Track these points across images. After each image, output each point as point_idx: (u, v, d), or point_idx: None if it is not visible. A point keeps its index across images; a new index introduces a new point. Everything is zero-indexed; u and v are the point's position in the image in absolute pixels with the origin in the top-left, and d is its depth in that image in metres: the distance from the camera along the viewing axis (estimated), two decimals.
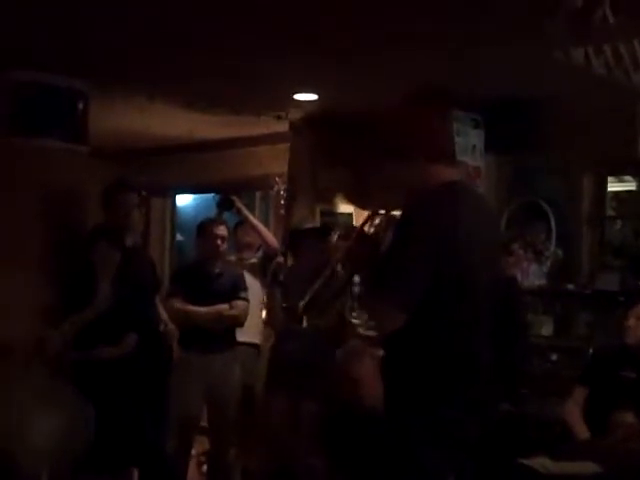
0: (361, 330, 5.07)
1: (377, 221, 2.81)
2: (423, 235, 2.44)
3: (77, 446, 3.99)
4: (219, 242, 5.14)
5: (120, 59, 4.61)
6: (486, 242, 2.62)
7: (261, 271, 5.63)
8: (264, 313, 5.60)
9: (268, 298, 5.40)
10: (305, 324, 4.49)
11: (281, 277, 4.87)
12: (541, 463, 3.22)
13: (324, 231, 5.09)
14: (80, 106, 5.09)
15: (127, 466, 4.43)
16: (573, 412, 4.25)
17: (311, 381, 4.82)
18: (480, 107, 5.45)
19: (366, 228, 2.81)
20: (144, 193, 5.86)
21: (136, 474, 4.62)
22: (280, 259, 5.00)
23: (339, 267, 2.94)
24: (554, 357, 5.35)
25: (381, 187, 2.93)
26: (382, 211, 2.84)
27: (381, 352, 4.29)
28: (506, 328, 4.42)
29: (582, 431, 4.13)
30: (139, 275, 4.97)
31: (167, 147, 7.33)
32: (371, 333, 4.94)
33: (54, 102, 4.98)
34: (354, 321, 5.15)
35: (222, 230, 5.19)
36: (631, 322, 4.24)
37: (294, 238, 5.22)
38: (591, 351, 4.80)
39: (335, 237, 5.68)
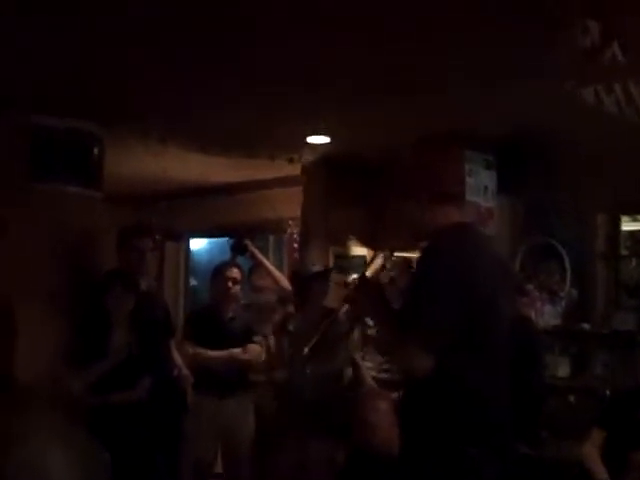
0: (374, 373, 5.03)
1: (380, 261, 2.85)
2: (448, 279, 2.48)
3: None
4: (230, 284, 5.14)
5: (133, 102, 4.66)
6: (500, 284, 2.68)
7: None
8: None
9: (275, 345, 5.32)
10: (309, 370, 4.52)
11: (290, 327, 4.82)
12: None
13: (327, 274, 5.07)
14: (95, 151, 5.13)
15: None
16: (592, 454, 4.19)
17: (321, 423, 4.79)
18: (493, 148, 5.47)
19: (371, 269, 2.86)
20: (158, 237, 5.88)
21: None
22: (290, 308, 4.95)
23: (344, 310, 2.95)
24: (571, 398, 5.30)
25: (391, 228, 2.95)
26: (384, 252, 2.90)
27: (395, 395, 4.29)
28: (523, 369, 4.40)
29: (601, 473, 4.08)
30: (153, 320, 4.97)
31: (181, 191, 7.38)
32: (384, 376, 4.92)
33: (70, 147, 5.03)
34: (366, 364, 5.12)
35: (234, 273, 5.20)
36: None
37: (301, 283, 5.04)
38: (608, 393, 4.75)
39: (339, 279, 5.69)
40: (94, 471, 4.00)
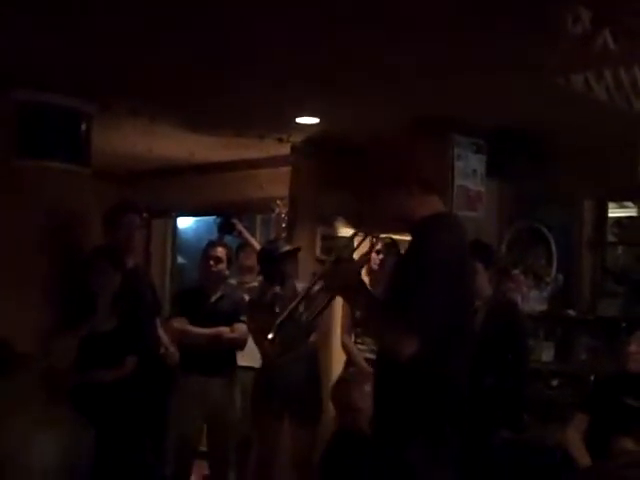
0: (367, 354, 5.04)
1: (365, 243, 2.88)
2: (440, 266, 2.55)
3: (75, 468, 3.97)
4: (212, 263, 5.12)
5: (123, 79, 4.63)
6: (470, 272, 2.86)
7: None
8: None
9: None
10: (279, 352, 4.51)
11: (277, 309, 4.81)
12: None
13: (296, 253, 5.06)
14: (83, 127, 5.10)
15: None
16: (574, 439, 4.23)
17: (294, 406, 4.81)
18: (483, 133, 5.48)
19: (358, 252, 2.88)
20: (146, 215, 5.85)
21: None
22: (277, 289, 4.92)
23: (317, 288, 2.94)
24: (555, 383, 5.34)
25: (377, 212, 2.96)
26: (361, 233, 2.93)
27: None
28: (507, 354, 4.43)
29: (583, 457, 4.11)
30: (140, 297, 4.96)
31: (169, 169, 7.35)
32: (372, 357, 4.93)
33: (57, 122, 4.99)
34: (359, 346, 5.14)
35: (217, 252, 5.17)
36: (633, 348, 4.23)
37: (270, 263, 4.99)
38: (592, 378, 4.78)
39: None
40: (79, 448, 4.02)
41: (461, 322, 2.65)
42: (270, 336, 2.92)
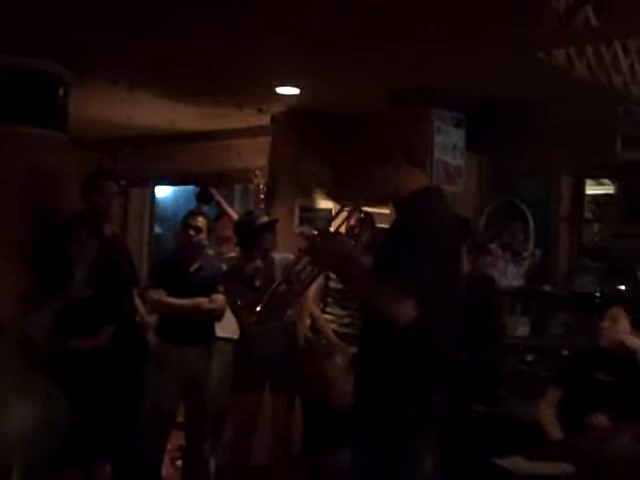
0: (334, 326, 5.04)
1: (344, 216, 2.89)
2: (434, 237, 2.61)
3: (51, 437, 3.96)
4: (192, 233, 5.09)
5: (102, 46, 4.58)
6: (457, 245, 2.89)
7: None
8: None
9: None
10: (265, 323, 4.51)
11: (257, 282, 4.79)
12: (515, 463, 3.23)
13: (274, 225, 5.00)
14: (61, 93, 5.04)
15: (101, 459, 4.39)
16: (547, 413, 4.27)
17: (274, 378, 4.82)
18: (463, 106, 5.47)
19: (336, 224, 2.89)
20: (123, 183, 5.81)
21: (109, 468, 4.58)
22: (259, 262, 4.89)
23: (303, 263, 2.95)
24: (529, 358, 5.38)
25: (359, 185, 2.95)
26: (347, 207, 2.94)
27: (354, 349, 4.33)
28: (483, 328, 4.45)
29: (556, 432, 4.15)
30: (116, 265, 4.92)
31: (148, 138, 7.30)
32: (344, 330, 4.94)
33: (35, 88, 4.93)
34: (327, 317, 5.12)
35: (196, 222, 5.13)
36: (606, 324, 4.27)
37: (247, 234, 4.91)
38: (566, 352, 4.82)
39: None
40: (55, 416, 4.01)
41: (452, 294, 2.70)
42: (258, 309, 2.93)
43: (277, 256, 4.89)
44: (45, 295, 4.43)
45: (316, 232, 2.95)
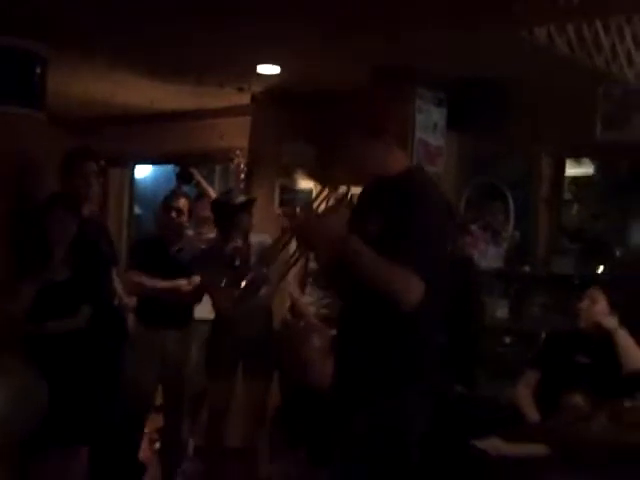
0: (313, 308, 5.04)
1: (323, 196, 2.85)
2: (437, 219, 2.65)
3: (28, 419, 3.95)
4: (174, 214, 5.07)
5: (81, 23, 4.52)
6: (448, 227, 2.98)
7: None
8: None
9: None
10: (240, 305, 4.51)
11: (237, 262, 4.76)
12: (492, 445, 3.25)
13: (251, 205, 4.96)
14: (38, 70, 4.98)
15: (78, 441, 4.38)
16: (524, 395, 4.29)
17: (251, 361, 4.82)
18: (444, 85, 5.44)
19: (317, 204, 2.85)
20: (103, 163, 5.77)
21: (87, 450, 4.57)
22: (238, 242, 4.85)
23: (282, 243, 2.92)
24: (508, 340, 5.40)
25: (342, 164, 2.93)
26: (332, 187, 2.90)
27: (333, 331, 4.33)
28: (461, 309, 4.46)
29: (533, 413, 4.17)
30: (95, 246, 4.89)
31: (127, 117, 7.24)
32: (324, 311, 4.94)
33: (10, 65, 4.87)
34: (306, 299, 5.12)
35: (179, 203, 5.10)
36: (584, 305, 4.28)
37: (224, 214, 4.88)
38: (544, 334, 4.84)
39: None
40: (32, 398, 4.00)
41: (444, 275, 2.70)
42: (242, 286, 2.90)
43: (254, 237, 4.86)
44: (23, 276, 4.40)
45: (299, 210, 2.91)
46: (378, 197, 2.74)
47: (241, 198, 4.97)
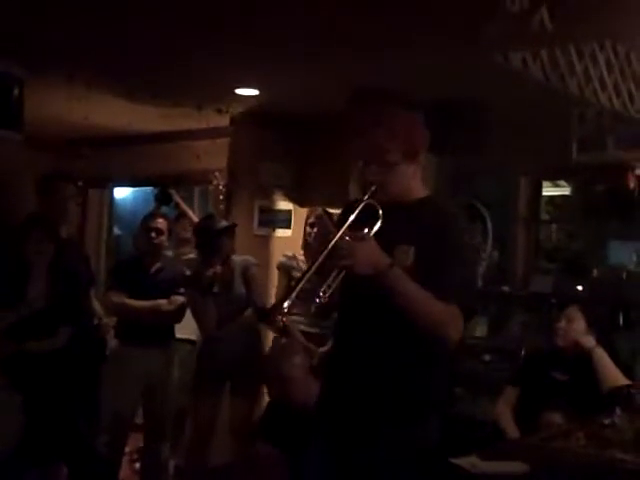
0: (302, 326, 5.03)
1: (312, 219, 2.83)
2: (467, 247, 2.67)
3: (4, 439, 3.91)
4: (153, 235, 5.07)
5: (58, 44, 4.52)
6: None
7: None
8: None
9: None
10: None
11: (216, 289, 4.79)
12: (471, 462, 3.24)
13: (233, 229, 5.03)
14: (15, 92, 4.96)
15: (57, 461, 4.35)
16: (504, 412, 4.30)
17: (236, 379, 4.82)
18: (420, 107, 5.47)
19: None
20: (81, 184, 5.76)
21: (66, 470, 4.54)
22: (218, 268, 4.88)
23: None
24: (487, 358, 5.42)
25: (319, 183, 2.93)
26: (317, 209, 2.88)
27: (324, 348, 4.33)
28: None
29: (512, 431, 4.18)
30: (73, 268, 4.88)
31: (106, 138, 7.23)
32: (313, 330, 4.94)
33: None
34: (293, 317, 5.11)
35: (158, 223, 5.11)
36: (562, 324, 4.31)
37: (207, 238, 4.90)
38: (523, 352, 4.87)
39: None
40: (10, 417, 3.96)
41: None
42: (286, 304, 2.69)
43: (237, 258, 4.92)
44: (2, 301, 4.37)
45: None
46: (404, 225, 2.61)
47: (223, 223, 5.02)
